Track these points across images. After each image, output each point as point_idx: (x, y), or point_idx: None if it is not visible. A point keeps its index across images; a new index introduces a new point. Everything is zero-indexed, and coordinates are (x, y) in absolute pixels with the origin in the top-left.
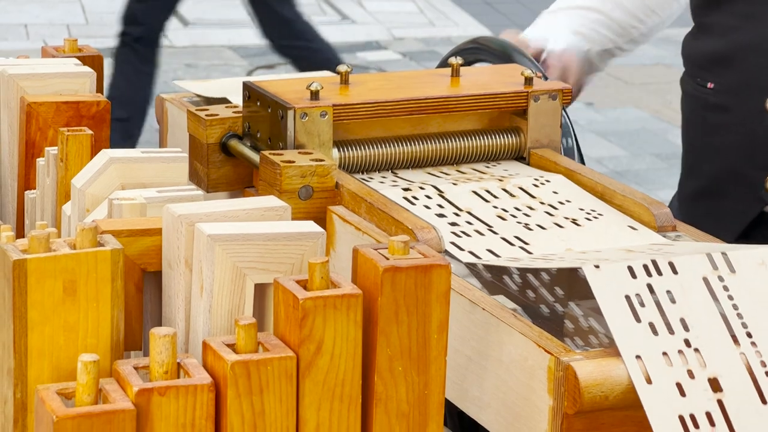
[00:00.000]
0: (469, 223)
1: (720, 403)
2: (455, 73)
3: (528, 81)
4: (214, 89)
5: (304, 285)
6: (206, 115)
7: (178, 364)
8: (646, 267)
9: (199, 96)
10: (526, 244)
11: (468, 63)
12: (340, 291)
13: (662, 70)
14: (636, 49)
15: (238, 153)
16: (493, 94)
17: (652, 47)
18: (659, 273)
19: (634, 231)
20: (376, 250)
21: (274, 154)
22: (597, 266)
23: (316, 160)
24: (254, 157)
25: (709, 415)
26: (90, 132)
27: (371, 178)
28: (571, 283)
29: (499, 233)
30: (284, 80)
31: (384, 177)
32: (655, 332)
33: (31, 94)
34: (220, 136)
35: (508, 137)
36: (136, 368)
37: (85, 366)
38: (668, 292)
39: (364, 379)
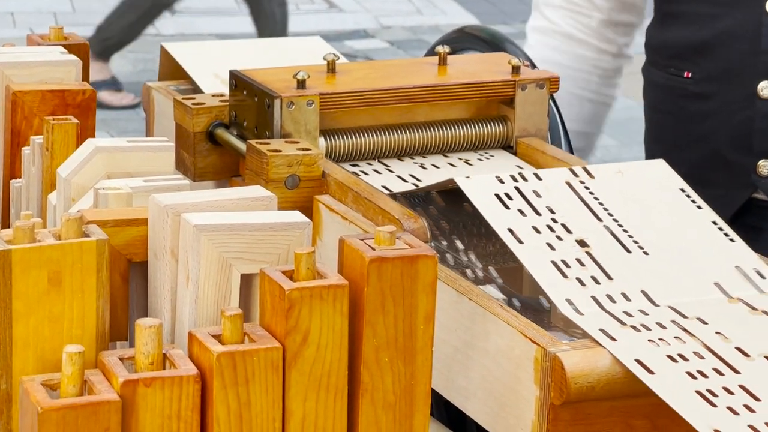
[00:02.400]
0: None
1: (589, 254)
2: (442, 62)
3: (515, 70)
4: (203, 54)
5: (290, 275)
6: (193, 104)
7: (164, 355)
8: (513, 176)
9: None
10: (419, 180)
11: (455, 51)
12: (327, 281)
13: None
14: None
15: (224, 142)
16: (481, 83)
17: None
18: (525, 179)
19: (520, 169)
20: (362, 240)
21: (260, 143)
22: (468, 177)
23: (303, 150)
24: (241, 146)
25: (578, 261)
26: (76, 121)
27: (359, 169)
28: None
29: (395, 172)
30: (271, 69)
31: (370, 166)
32: (523, 214)
33: (17, 83)
34: (207, 125)
35: (495, 126)
36: (121, 359)
37: (70, 357)
38: (534, 191)
39: (350, 370)
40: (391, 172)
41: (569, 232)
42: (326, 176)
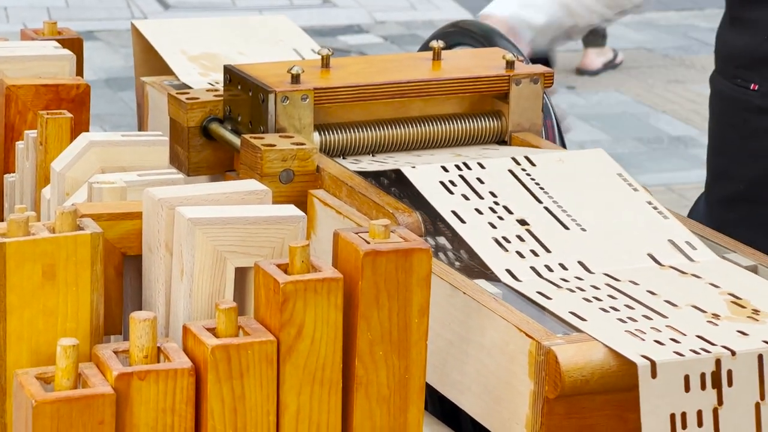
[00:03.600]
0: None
1: (529, 231)
2: (436, 57)
3: (509, 65)
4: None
5: (284, 269)
6: (187, 99)
7: (159, 348)
8: (457, 165)
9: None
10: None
11: (449, 46)
12: (321, 275)
13: (644, 54)
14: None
15: (218, 136)
16: (475, 78)
17: (633, 31)
18: (469, 168)
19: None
20: (356, 234)
21: (254, 137)
22: (413, 167)
23: (297, 144)
24: (235, 140)
25: (519, 237)
26: (70, 115)
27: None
28: None
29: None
30: (265, 64)
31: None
32: (466, 198)
33: (10, 77)
34: (201, 120)
35: (489, 121)
36: (115, 352)
37: (65, 350)
38: (477, 178)
39: (344, 364)
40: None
41: (510, 212)
42: (320, 171)
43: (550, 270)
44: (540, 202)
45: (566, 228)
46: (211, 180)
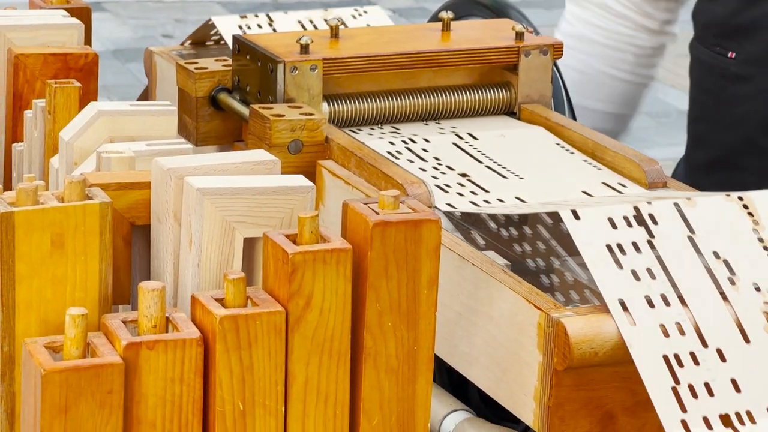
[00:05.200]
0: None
1: (469, 180)
2: (446, 28)
3: (519, 36)
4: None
5: (293, 239)
6: (195, 69)
7: (167, 318)
8: (404, 140)
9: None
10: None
11: (459, 18)
12: (330, 245)
13: None
14: None
15: (227, 107)
16: (484, 49)
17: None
18: (414, 142)
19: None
20: (365, 204)
21: (263, 107)
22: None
23: (306, 114)
24: (243, 110)
25: (459, 184)
26: (78, 84)
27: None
28: (559, 237)
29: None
30: (274, 34)
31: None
32: (411, 162)
33: (19, 46)
34: (210, 90)
35: (498, 92)
36: (124, 322)
37: (73, 319)
38: (423, 149)
39: (353, 334)
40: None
41: (452, 169)
42: (329, 141)
43: (488, 202)
44: (480, 162)
45: (505, 178)
46: (219, 150)
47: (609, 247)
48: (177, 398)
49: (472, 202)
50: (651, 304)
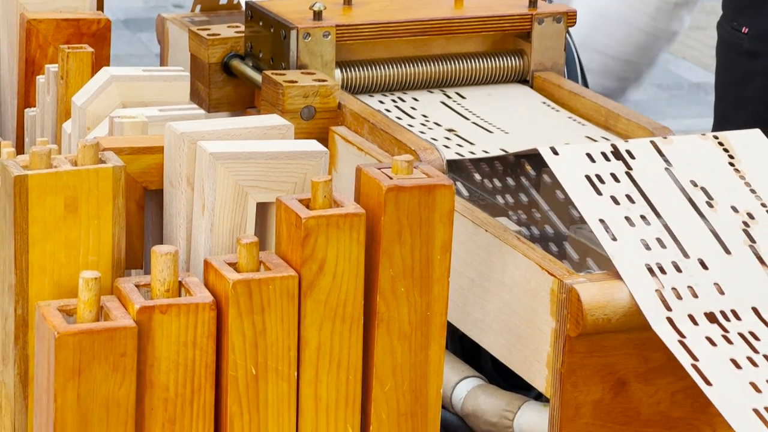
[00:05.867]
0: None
1: (456, 134)
2: None
3: (532, 3)
4: None
5: (306, 204)
6: (208, 35)
7: (180, 282)
8: (393, 99)
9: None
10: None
11: None
12: (343, 210)
13: None
14: None
15: (240, 73)
16: (497, 17)
17: None
18: (403, 101)
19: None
20: (379, 169)
21: (276, 74)
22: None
23: (319, 81)
24: (256, 77)
25: (446, 138)
26: (91, 50)
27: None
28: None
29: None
30: (287, 0)
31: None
32: (399, 118)
33: (31, 11)
34: (222, 56)
35: (511, 60)
36: (137, 286)
37: (87, 283)
38: (411, 107)
39: (366, 300)
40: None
41: (439, 125)
42: (342, 107)
43: (473, 153)
44: (467, 119)
45: (490, 132)
46: (231, 117)
47: (588, 177)
48: (190, 362)
49: (457, 153)
50: (631, 223)
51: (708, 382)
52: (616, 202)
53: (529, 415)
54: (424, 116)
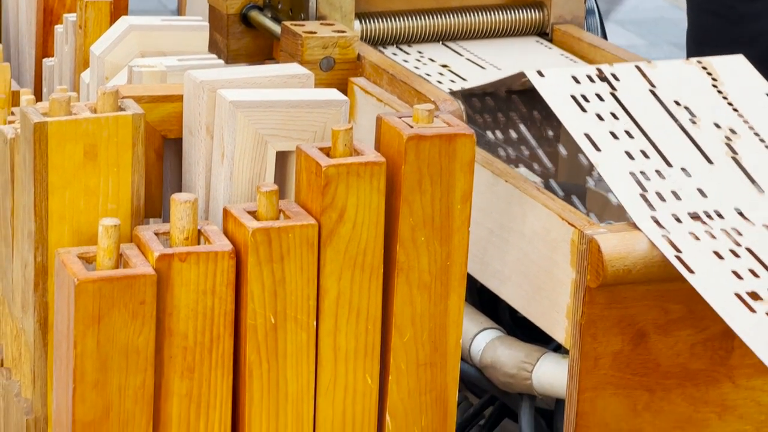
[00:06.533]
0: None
1: (449, 70)
2: None
3: None
4: None
5: (327, 152)
6: None
7: (199, 230)
8: (398, 45)
9: None
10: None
11: None
12: (364, 158)
13: None
14: None
15: (258, 24)
16: None
17: None
18: (409, 46)
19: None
20: (400, 118)
21: (295, 24)
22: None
23: (338, 32)
24: (275, 28)
25: (439, 73)
26: None
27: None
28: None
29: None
30: None
31: (402, 50)
32: (395, 54)
33: None
34: (241, 7)
35: (531, 13)
36: (156, 234)
37: (106, 230)
38: (420, 52)
39: (386, 249)
40: (421, 54)
41: (433, 61)
42: (361, 59)
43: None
44: (461, 55)
45: (483, 68)
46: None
47: (573, 97)
48: (209, 311)
49: (449, 89)
50: (615, 137)
51: (691, 270)
52: (601, 118)
53: (548, 366)
54: (419, 52)
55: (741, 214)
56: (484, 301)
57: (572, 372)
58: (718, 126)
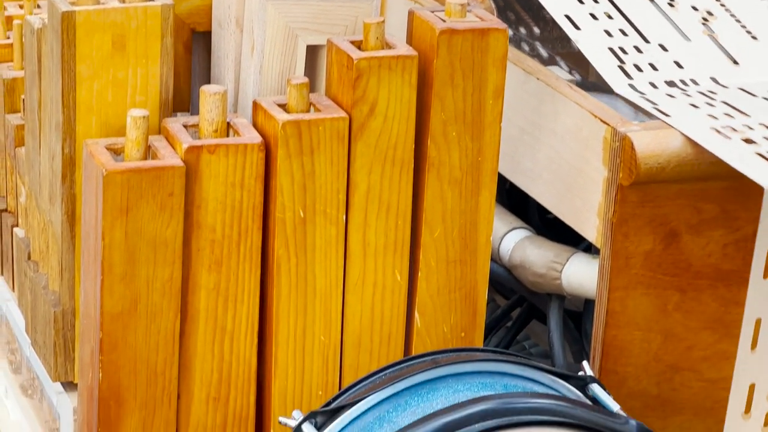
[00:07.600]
0: None
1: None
2: None
3: None
4: None
5: (358, 45)
6: None
7: (228, 123)
8: None
9: None
10: None
11: None
12: (396, 52)
13: None
14: None
15: None
16: None
17: None
18: None
19: None
20: (432, 12)
21: None
22: None
23: None
24: None
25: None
26: None
27: None
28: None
29: None
30: None
31: None
32: (581, 2)
33: None
34: None
35: None
36: (185, 126)
37: (135, 121)
38: None
39: (416, 144)
40: None
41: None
42: None
43: None
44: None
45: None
46: None
47: None
48: (237, 203)
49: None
50: (595, 18)
51: (666, 114)
52: (581, 2)
53: (578, 266)
54: None
55: (716, 81)
56: (513, 203)
57: (603, 271)
58: (695, 9)
